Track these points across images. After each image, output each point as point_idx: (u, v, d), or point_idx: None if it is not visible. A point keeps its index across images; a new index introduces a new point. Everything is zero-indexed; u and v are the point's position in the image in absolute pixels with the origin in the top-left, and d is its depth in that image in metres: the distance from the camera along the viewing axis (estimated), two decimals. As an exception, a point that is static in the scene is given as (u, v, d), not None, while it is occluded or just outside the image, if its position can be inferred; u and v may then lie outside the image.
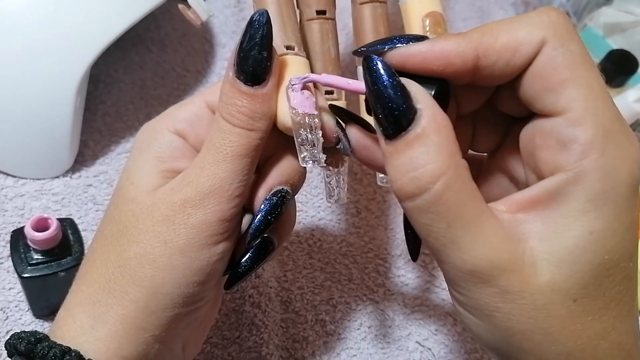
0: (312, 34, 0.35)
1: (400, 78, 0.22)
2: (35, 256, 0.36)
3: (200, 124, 0.28)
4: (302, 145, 0.27)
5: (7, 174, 0.45)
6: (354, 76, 0.35)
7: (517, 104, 0.24)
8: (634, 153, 0.22)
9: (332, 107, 0.28)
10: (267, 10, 0.27)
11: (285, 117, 0.28)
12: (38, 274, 0.36)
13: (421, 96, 0.22)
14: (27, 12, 0.41)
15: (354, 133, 0.27)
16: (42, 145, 0.44)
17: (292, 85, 0.27)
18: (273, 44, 0.27)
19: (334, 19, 0.36)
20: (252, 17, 0.26)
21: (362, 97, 0.31)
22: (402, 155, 0.21)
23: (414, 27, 0.34)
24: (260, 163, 0.29)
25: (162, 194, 0.27)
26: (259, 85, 0.26)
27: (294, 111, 0.27)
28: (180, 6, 0.44)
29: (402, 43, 0.23)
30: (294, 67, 0.30)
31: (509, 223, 0.22)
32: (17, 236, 0.37)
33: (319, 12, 0.35)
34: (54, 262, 0.36)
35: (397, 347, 0.42)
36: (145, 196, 0.27)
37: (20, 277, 0.36)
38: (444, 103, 0.23)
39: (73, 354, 0.25)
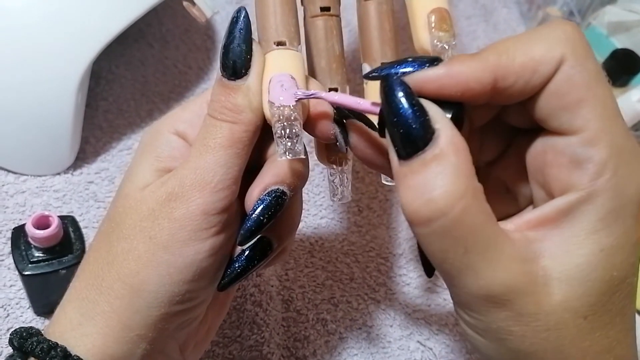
0: (316, 31, 0.34)
1: (419, 99, 0.22)
2: (36, 254, 0.36)
3: (199, 123, 0.28)
4: (280, 138, 0.27)
5: (8, 171, 0.45)
6: (358, 73, 0.35)
7: (526, 118, 0.24)
8: None
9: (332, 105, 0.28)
10: (244, 7, 0.27)
11: (266, 110, 0.27)
12: (39, 272, 0.35)
13: (439, 117, 0.21)
14: (29, 8, 0.41)
15: (355, 131, 0.27)
16: (43, 141, 0.44)
17: (297, 97, 0.27)
18: (259, 40, 0.27)
19: (338, 16, 0.35)
20: (232, 15, 0.27)
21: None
22: (417, 176, 0.21)
23: (420, 23, 0.34)
24: (261, 162, 0.29)
25: (151, 189, 0.27)
26: (240, 79, 0.26)
27: (270, 103, 0.27)
28: (185, 3, 0.43)
29: (416, 66, 0.23)
30: (281, 61, 0.29)
31: (520, 242, 0.22)
32: (18, 233, 0.36)
33: (323, 9, 0.34)
34: (55, 260, 0.36)
35: (398, 346, 0.42)
36: (137, 192, 0.27)
37: (21, 274, 0.36)
38: (460, 125, 0.23)
39: (59, 349, 0.25)
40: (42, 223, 0.35)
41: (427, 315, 0.44)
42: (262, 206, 0.27)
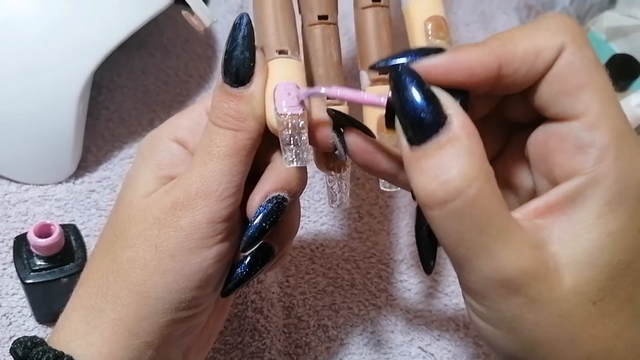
0: (314, 39, 0.34)
1: (430, 86, 0.22)
2: (38, 262, 0.36)
3: (199, 130, 0.28)
4: (286, 146, 0.27)
5: (11, 180, 0.45)
6: (356, 81, 0.35)
7: (525, 109, 0.24)
8: None
9: (331, 112, 0.28)
10: (247, 14, 0.27)
11: (271, 119, 0.28)
12: (41, 280, 0.36)
13: (451, 103, 0.22)
14: (30, 18, 0.42)
15: (354, 138, 0.27)
16: (45, 151, 0.44)
17: (300, 96, 0.27)
18: (262, 47, 0.27)
19: (336, 24, 0.35)
20: (234, 22, 0.27)
21: (366, 110, 0.30)
22: (431, 159, 0.21)
23: (417, 31, 0.34)
24: (260, 169, 0.29)
25: (155, 197, 0.27)
26: (243, 86, 0.27)
27: (276, 111, 0.27)
28: (184, 12, 0.44)
29: (421, 55, 0.23)
30: (284, 70, 0.30)
31: (529, 230, 0.22)
32: (20, 242, 0.37)
33: (321, 17, 0.34)
34: (56, 268, 0.36)
35: (399, 352, 0.42)
36: (140, 200, 0.27)
37: (23, 283, 0.36)
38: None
39: (65, 358, 0.25)
40: (43, 232, 0.35)
41: (429, 321, 0.43)
42: (263, 213, 0.27)
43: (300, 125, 0.27)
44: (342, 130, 0.28)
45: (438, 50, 0.23)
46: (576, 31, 0.22)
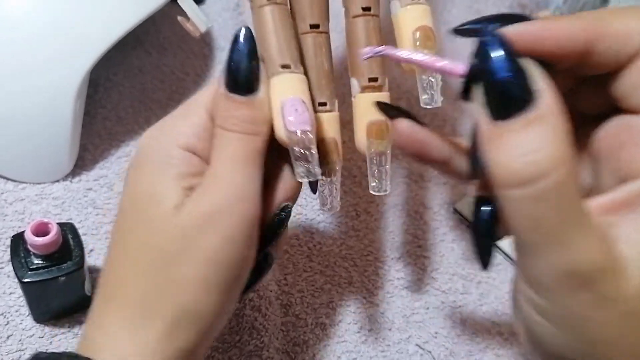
0: (306, 48, 0.35)
1: (522, 59, 0.21)
2: (36, 261, 0.36)
3: (206, 136, 0.29)
4: (297, 161, 0.29)
5: (7, 178, 0.45)
6: (347, 89, 0.36)
7: (598, 98, 0.23)
8: None
9: (380, 104, 0.29)
10: (247, 26, 0.28)
11: (280, 133, 0.29)
12: (38, 279, 0.36)
13: (542, 78, 0.20)
14: (26, 16, 0.41)
15: (404, 127, 0.27)
16: (42, 149, 0.44)
17: (365, 56, 0.28)
18: (264, 61, 0.28)
19: (327, 33, 0.36)
20: (236, 34, 0.28)
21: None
22: (517, 136, 0.20)
23: (406, 40, 0.35)
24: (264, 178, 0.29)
25: (189, 210, 0.27)
26: (252, 94, 0.28)
27: (287, 127, 0.29)
28: (180, 18, 0.44)
29: (508, 22, 0.22)
30: (290, 85, 0.31)
31: (604, 225, 0.21)
32: (18, 241, 0.37)
33: (313, 26, 0.35)
34: (54, 267, 0.36)
35: (397, 350, 0.42)
36: (172, 215, 0.27)
37: (20, 281, 0.36)
38: None
39: None
40: (41, 230, 0.35)
41: (426, 318, 0.44)
42: (278, 222, 0.29)
43: (309, 141, 0.29)
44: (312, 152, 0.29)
45: (524, 18, 0.22)
46: None
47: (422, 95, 0.33)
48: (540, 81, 0.20)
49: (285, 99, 0.30)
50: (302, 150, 0.28)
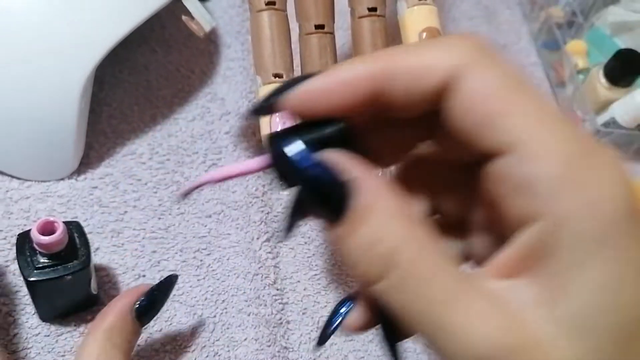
0: (310, 48, 0.35)
1: (322, 153, 0.19)
2: (42, 260, 0.36)
3: None
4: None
5: (12, 177, 0.45)
6: None
7: (463, 149, 0.20)
8: (614, 173, 0.17)
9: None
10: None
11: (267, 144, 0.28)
12: (44, 278, 0.35)
13: (351, 165, 0.19)
14: (31, 13, 0.41)
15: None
16: (47, 147, 0.44)
17: (182, 192, 0.24)
18: (255, 67, 0.27)
19: (332, 33, 0.36)
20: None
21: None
22: (354, 234, 0.18)
23: (412, 41, 0.34)
24: None
25: None
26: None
27: None
28: (184, 17, 0.44)
29: (290, 87, 0.20)
30: None
31: (498, 293, 0.18)
32: (23, 239, 0.36)
33: (318, 27, 0.35)
34: (60, 266, 0.36)
35: (404, 348, 0.42)
36: None
37: (26, 280, 0.36)
38: (354, 146, 0.20)
39: None
40: (47, 229, 0.35)
41: (433, 317, 0.43)
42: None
43: None
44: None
45: (305, 77, 0.20)
46: (481, 50, 0.19)
47: None
48: (351, 169, 0.18)
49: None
50: None
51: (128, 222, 0.44)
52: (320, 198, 0.19)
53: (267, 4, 0.34)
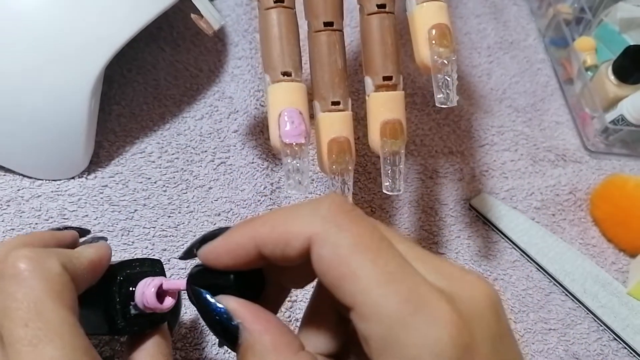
0: (319, 46, 0.35)
1: (217, 298, 0.23)
2: (133, 311, 0.29)
3: None
4: (289, 173, 0.29)
5: (23, 175, 0.45)
6: (361, 86, 0.35)
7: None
8: (440, 331, 0.19)
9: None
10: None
11: (275, 142, 0.30)
12: (132, 328, 0.29)
13: (239, 309, 0.23)
14: (41, 13, 0.41)
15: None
16: (57, 146, 0.44)
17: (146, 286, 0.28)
18: (263, 66, 0.29)
19: (341, 30, 0.36)
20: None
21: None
22: None
23: (421, 38, 0.34)
24: None
25: None
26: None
27: (282, 138, 0.29)
28: (193, 16, 0.44)
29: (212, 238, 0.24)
30: (288, 95, 0.31)
31: None
32: (120, 286, 0.29)
33: (327, 24, 0.35)
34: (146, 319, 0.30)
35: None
36: None
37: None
38: (254, 289, 0.24)
39: None
40: (161, 294, 0.29)
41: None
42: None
43: (303, 153, 0.29)
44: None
45: (217, 233, 0.24)
46: (330, 217, 0.21)
47: (437, 94, 0.32)
48: (238, 313, 0.23)
49: (283, 109, 0.30)
50: (294, 162, 0.29)
51: (138, 220, 0.45)
52: (222, 334, 0.23)
53: (276, 1, 0.33)
